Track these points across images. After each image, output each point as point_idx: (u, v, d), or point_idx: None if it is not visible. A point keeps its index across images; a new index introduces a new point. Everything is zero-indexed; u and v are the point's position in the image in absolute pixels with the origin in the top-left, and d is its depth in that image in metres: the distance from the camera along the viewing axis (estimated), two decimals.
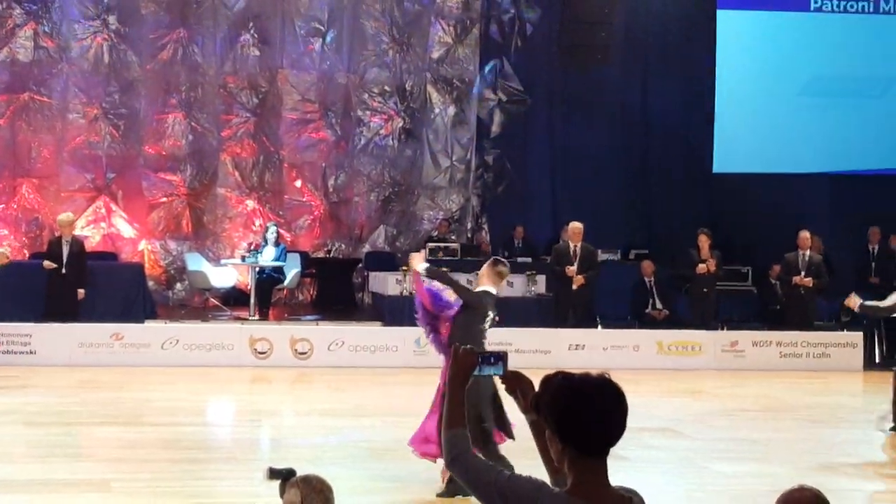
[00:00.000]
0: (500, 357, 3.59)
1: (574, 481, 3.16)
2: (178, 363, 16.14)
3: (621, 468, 9.79)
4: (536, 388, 3.34)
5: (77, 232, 18.59)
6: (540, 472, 3.33)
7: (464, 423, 3.40)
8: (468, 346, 3.61)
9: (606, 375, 3.19)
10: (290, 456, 10.74)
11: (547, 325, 17.73)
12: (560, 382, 3.19)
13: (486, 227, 23.19)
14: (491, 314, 9.09)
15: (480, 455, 3.36)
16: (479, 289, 9.26)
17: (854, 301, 12.95)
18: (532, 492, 3.15)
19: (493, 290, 9.23)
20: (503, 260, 9.77)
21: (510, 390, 3.56)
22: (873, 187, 22.01)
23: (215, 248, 21.77)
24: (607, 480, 3.18)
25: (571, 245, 17.77)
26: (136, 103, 21.73)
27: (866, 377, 17.55)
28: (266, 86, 22.31)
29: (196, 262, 20.52)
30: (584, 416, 3.13)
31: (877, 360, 18.65)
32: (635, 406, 9.84)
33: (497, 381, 5.85)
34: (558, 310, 18.06)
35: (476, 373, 3.54)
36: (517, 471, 3.36)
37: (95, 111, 21.50)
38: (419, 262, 9.41)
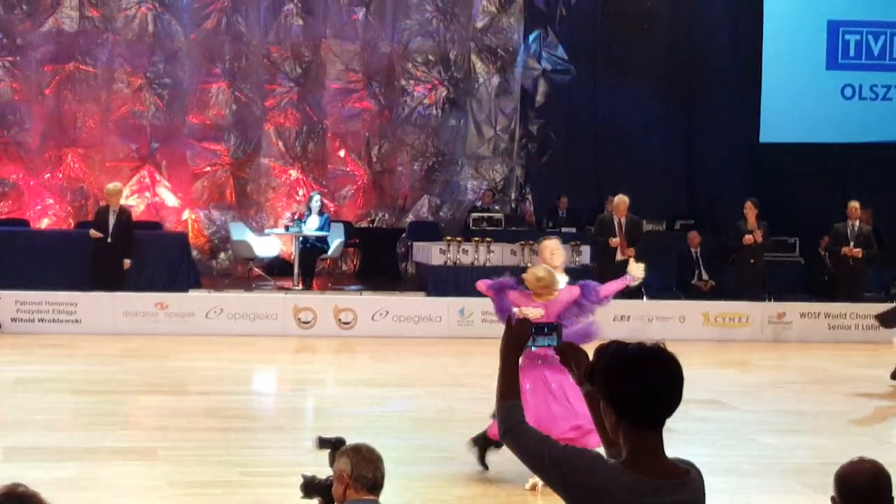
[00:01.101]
0: (554, 328, 3.54)
1: (629, 453, 3.10)
2: (223, 332, 16.18)
3: (668, 440, 9.72)
4: (591, 358, 3.28)
5: (122, 202, 18.64)
6: None
7: (518, 395, 3.33)
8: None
9: (662, 345, 3.11)
10: (334, 425, 10.73)
11: None
12: (614, 352, 3.12)
13: (529, 197, 23.09)
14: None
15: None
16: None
17: None
18: (587, 463, 3.09)
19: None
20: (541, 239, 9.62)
21: (564, 361, 3.50)
22: None
23: (259, 217, 21.79)
24: (663, 453, 3.11)
25: (616, 218, 17.62)
26: (180, 73, 21.75)
27: None
28: (309, 55, 22.26)
29: (240, 232, 20.55)
30: (639, 388, 3.06)
31: None
32: None
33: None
34: (603, 281, 17.89)
35: (529, 343, 3.48)
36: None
37: (140, 81, 21.54)
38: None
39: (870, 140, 22.12)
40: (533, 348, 3.56)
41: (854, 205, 17.76)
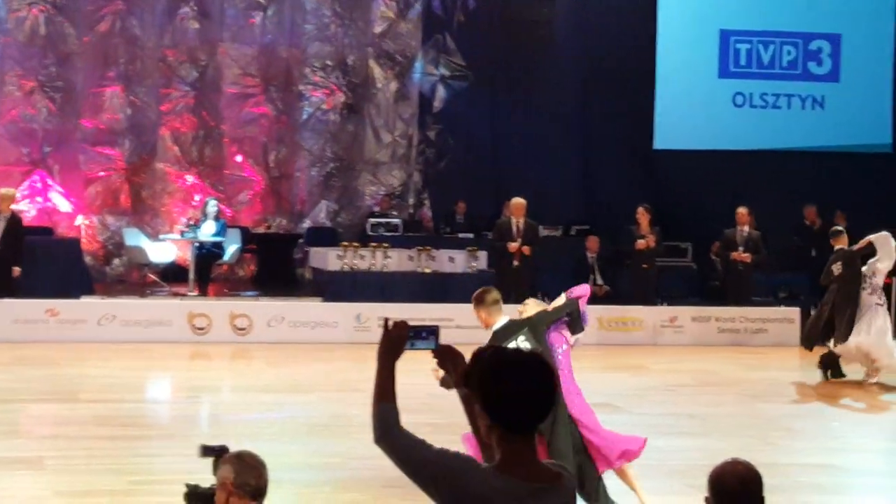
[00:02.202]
0: (433, 331, 3.55)
1: (502, 458, 3.13)
2: (116, 339, 15.97)
3: None
4: (468, 362, 3.31)
5: (13, 207, 18.30)
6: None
7: (393, 398, 3.35)
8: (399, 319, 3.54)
9: (537, 352, 3.16)
10: (228, 432, 10.66)
11: None
12: (489, 357, 3.16)
13: (427, 202, 23.14)
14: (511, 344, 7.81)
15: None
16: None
17: None
18: (460, 467, 3.12)
19: (505, 320, 8.00)
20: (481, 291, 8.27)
21: (442, 365, 3.52)
22: (810, 164, 22.28)
23: (154, 223, 21.56)
24: (536, 456, 3.16)
25: (514, 220, 17.76)
26: (74, 76, 21.44)
27: (803, 352, 17.70)
28: (206, 59, 22.08)
29: (134, 238, 20.32)
30: (512, 393, 3.10)
31: None
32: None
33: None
34: (501, 285, 17.97)
35: (408, 347, 3.50)
36: (458, 448, 3.32)
37: (32, 84, 21.19)
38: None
39: (760, 147, 22.58)
40: (413, 350, 3.56)
41: (742, 210, 18.08)
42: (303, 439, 10.54)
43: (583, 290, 8.66)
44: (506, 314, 8.06)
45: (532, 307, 8.33)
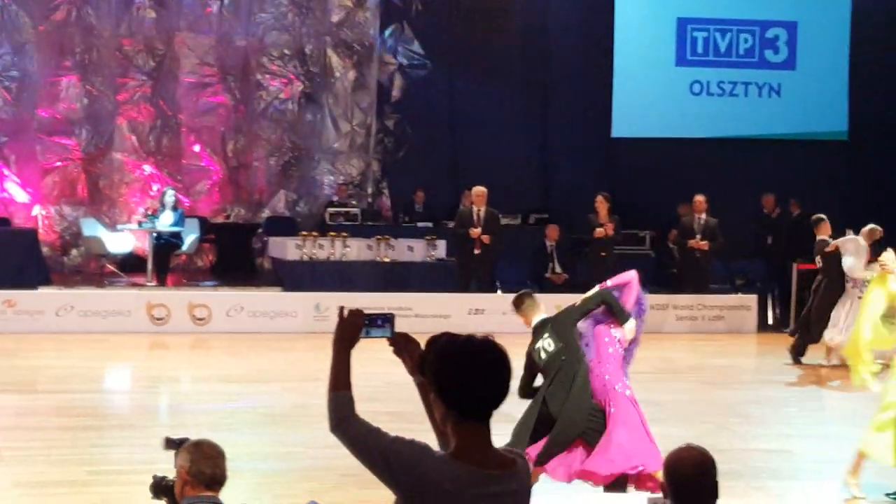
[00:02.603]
0: (388, 319, 3.57)
1: (457, 445, 3.16)
2: (74, 330, 15.89)
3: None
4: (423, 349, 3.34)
5: None
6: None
7: (348, 386, 3.37)
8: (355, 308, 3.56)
9: (490, 338, 3.18)
10: (187, 422, 10.67)
11: (447, 290, 17.77)
12: (443, 345, 3.18)
13: (386, 191, 23.12)
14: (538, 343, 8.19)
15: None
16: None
17: None
18: (415, 454, 3.14)
19: (538, 319, 8.33)
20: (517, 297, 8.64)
21: (397, 352, 3.55)
22: (767, 152, 22.45)
23: (112, 213, 21.43)
24: (490, 442, 3.18)
25: (475, 209, 17.81)
26: (29, 66, 21.25)
27: (759, 339, 17.89)
28: (163, 49, 21.96)
29: (92, 228, 20.20)
30: (466, 380, 3.12)
31: (770, 323, 19.03)
32: None
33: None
34: (462, 274, 18.09)
35: (363, 335, 3.51)
36: (415, 437, 3.32)
37: None
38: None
39: (717, 135, 22.71)
40: (368, 338, 3.56)
41: (700, 198, 18.19)
42: (263, 429, 10.55)
43: (624, 277, 8.66)
44: (542, 313, 8.34)
45: None
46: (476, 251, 17.64)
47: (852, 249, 14.69)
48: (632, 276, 8.65)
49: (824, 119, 23.07)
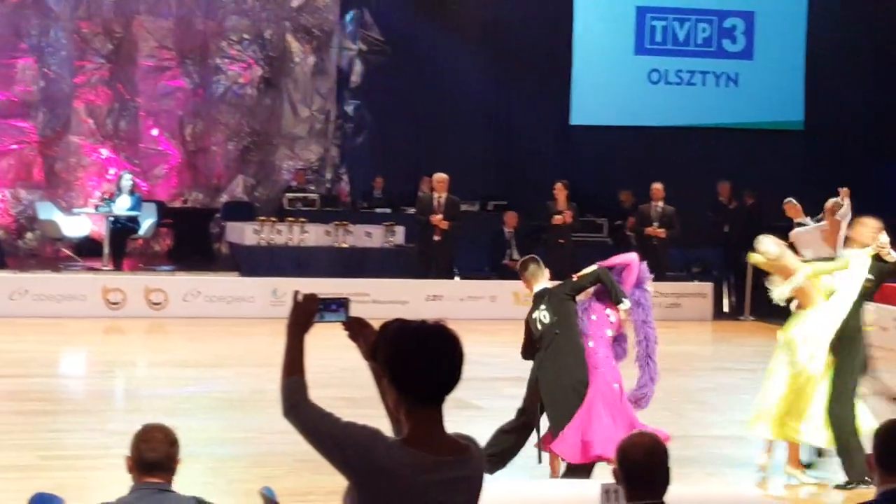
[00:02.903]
0: (342, 304, 3.55)
1: (410, 430, 3.16)
2: (28, 314, 15.76)
3: (475, 417, 9.90)
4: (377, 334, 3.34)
5: None
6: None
7: (302, 371, 3.36)
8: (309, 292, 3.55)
9: (442, 323, 3.18)
10: (143, 407, 10.64)
11: (406, 277, 17.78)
12: (395, 330, 3.18)
13: (345, 177, 23.08)
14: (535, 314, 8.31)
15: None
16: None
17: None
18: (367, 440, 3.14)
19: (540, 287, 8.40)
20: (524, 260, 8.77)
21: (352, 337, 3.54)
22: (724, 141, 22.59)
23: (68, 197, 21.28)
24: (443, 428, 3.19)
25: (436, 195, 17.80)
26: None
27: (715, 326, 18.00)
28: (121, 31, 21.79)
29: (48, 211, 20.06)
30: (417, 364, 3.12)
31: (725, 310, 19.15)
32: (491, 356, 10.04)
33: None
34: (422, 260, 18.09)
35: (317, 320, 3.50)
36: (369, 422, 3.32)
37: None
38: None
39: (675, 124, 22.82)
40: (322, 323, 3.55)
41: (657, 186, 18.28)
42: (219, 414, 10.53)
43: (625, 258, 8.69)
44: (545, 281, 8.39)
45: None
46: (436, 238, 17.64)
47: (805, 242, 14.69)
48: (632, 257, 8.72)
49: (781, 109, 23.23)
